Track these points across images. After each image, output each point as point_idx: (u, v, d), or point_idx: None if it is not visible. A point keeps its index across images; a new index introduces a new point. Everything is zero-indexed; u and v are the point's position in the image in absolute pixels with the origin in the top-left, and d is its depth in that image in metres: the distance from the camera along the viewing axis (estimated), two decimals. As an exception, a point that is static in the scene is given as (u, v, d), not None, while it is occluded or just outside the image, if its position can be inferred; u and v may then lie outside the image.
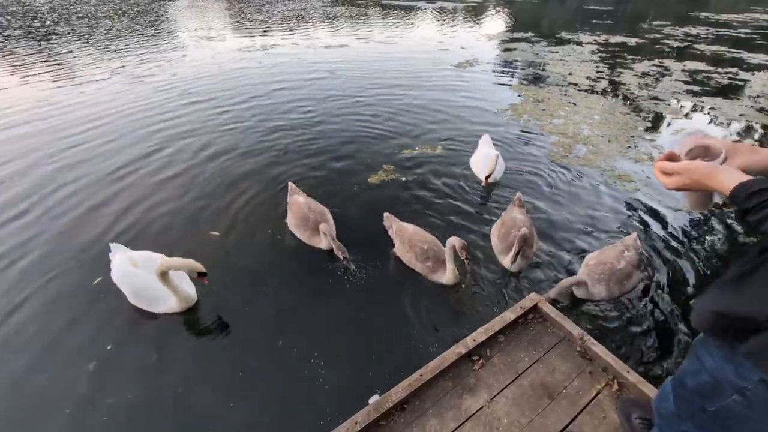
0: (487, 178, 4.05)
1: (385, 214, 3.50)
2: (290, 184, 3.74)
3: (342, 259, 2.99)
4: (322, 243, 3.23)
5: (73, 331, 2.63)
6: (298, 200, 3.48)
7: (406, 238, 3.13)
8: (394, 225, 3.34)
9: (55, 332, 2.62)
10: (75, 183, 4.30)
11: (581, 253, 3.25)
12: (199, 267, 2.54)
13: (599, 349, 2.08)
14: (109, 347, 2.53)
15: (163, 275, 2.52)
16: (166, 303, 2.69)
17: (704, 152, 1.09)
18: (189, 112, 6.25)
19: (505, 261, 3.07)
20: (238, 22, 15.67)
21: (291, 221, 3.46)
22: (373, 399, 2.06)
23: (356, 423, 1.79)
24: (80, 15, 16.30)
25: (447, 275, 2.90)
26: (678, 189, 1.05)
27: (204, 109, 6.42)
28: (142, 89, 7.34)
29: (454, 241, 2.76)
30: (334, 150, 5.02)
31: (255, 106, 6.50)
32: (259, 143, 5.20)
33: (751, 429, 1.03)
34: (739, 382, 0.99)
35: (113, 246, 2.85)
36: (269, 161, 4.74)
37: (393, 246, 3.30)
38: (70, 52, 10.15)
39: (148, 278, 2.66)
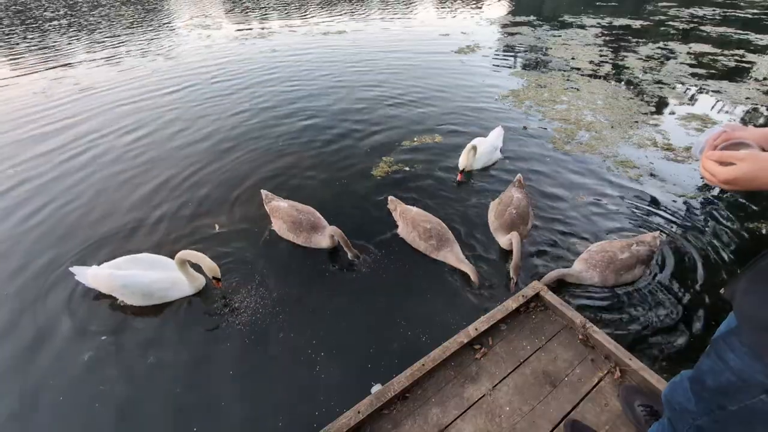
0: (461, 172, 4.01)
1: (390, 198, 3.53)
2: (263, 192, 3.54)
3: (352, 258, 3.01)
4: (324, 243, 3.14)
5: (65, 320, 2.67)
6: (280, 206, 3.32)
7: (410, 219, 3.17)
8: (398, 208, 3.38)
9: (46, 323, 2.66)
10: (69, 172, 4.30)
11: (582, 240, 3.23)
12: (216, 271, 2.65)
13: (601, 336, 2.08)
14: (103, 338, 2.55)
15: (182, 263, 2.66)
16: (179, 289, 2.74)
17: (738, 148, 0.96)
18: (178, 101, 6.19)
19: (502, 240, 3.09)
20: (235, 8, 15.38)
21: (281, 228, 3.28)
22: (375, 388, 2.07)
23: (359, 412, 1.80)
24: (80, 3, 16.02)
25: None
26: (734, 181, 0.88)
27: (196, 97, 6.35)
28: (138, 77, 7.26)
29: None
30: (332, 140, 4.94)
31: (251, 96, 6.42)
32: (253, 135, 5.13)
33: None
34: None
35: (75, 269, 2.77)
36: (263, 154, 4.66)
37: (396, 228, 3.32)
38: (64, 37, 10.00)
39: (152, 274, 2.67)
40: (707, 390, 1.13)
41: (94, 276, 2.71)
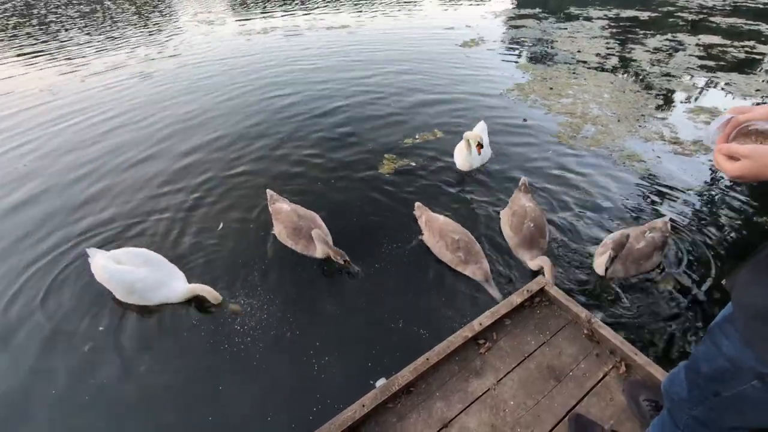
0: (479, 146, 3.78)
1: (416, 204, 3.43)
2: (269, 192, 3.47)
3: (342, 263, 2.85)
4: (318, 252, 3.02)
5: (62, 312, 2.74)
6: (283, 208, 3.24)
7: (436, 229, 3.07)
8: (424, 215, 3.29)
9: (44, 314, 2.72)
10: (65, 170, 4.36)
11: (591, 236, 3.21)
12: (219, 298, 2.71)
13: (606, 331, 2.07)
14: (101, 328, 2.61)
15: (193, 294, 2.74)
16: (163, 294, 2.70)
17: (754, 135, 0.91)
18: (179, 99, 6.21)
19: (530, 263, 2.88)
20: (238, 3, 15.33)
21: (281, 233, 3.20)
22: (380, 382, 2.08)
23: (363, 405, 1.81)
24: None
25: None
26: (741, 177, 0.88)
27: (198, 95, 6.37)
28: (139, 76, 7.29)
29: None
30: (332, 138, 4.89)
31: (250, 94, 6.41)
32: (252, 132, 5.12)
33: (766, 412, 1.01)
34: (760, 368, 0.95)
35: (90, 250, 2.82)
36: (262, 153, 4.63)
37: (421, 235, 3.24)
38: (67, 34, 10.05)
39: (139, 272, 2.67)
40: (702, 377, 1.14)
41: (95, 263, 2.76)
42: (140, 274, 2.67)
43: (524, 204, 3.18)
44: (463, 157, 4.00)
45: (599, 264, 2.76)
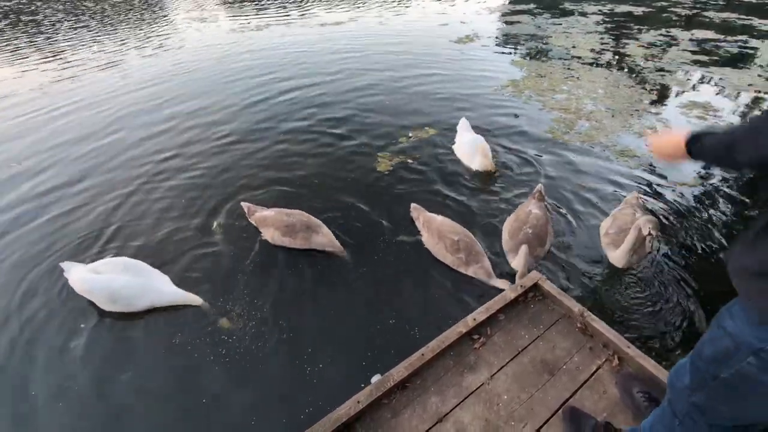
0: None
1: (413, 205, 3.41)
2: (245, 205, 3.41)
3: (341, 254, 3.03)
4: (327, 244, 3.07)
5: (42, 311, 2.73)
6: (266, 215, 3.21)
7: (435, 229, 3.02)
8: (421, 216, 3.24)
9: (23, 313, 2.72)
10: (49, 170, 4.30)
11: (586, 232, 3.23)
12: (200, 301, 2.72)
13: (599, 325, 2.08)
14: (82, 325, 2.61)
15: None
16: (149, 298, 2.66)
17: None
18: (167, 98, 6.16)
19: (513, 262, 2.88)
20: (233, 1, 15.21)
21: (273, 236, 3.14)
22: (375, 379, 2.09)
23: (358, 402, 1.82)
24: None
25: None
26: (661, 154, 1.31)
27: (190, 94, 6.31)
28: (134, 75, 7.23)
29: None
30: (325, 137, 4.86)
31: (244, 90, 6.37)
32: (248, 134, 5.08)
33: (762, 395, 1.03)
34: (756, 344, 0.99)
35: (65, 264, 2.78)
36: (255, 151, 4.59)
37: (419, 236, 3.22)
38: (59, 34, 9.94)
39: (120, 279, 2.63)
40: (703, 360, 1.16)
41: (72, 277, 2.71)
42: (122, 281, 2.62)
43: (530, 210, 3.08)
44: (476, 164, 4.05)
45: (618, 256, 2.77)
